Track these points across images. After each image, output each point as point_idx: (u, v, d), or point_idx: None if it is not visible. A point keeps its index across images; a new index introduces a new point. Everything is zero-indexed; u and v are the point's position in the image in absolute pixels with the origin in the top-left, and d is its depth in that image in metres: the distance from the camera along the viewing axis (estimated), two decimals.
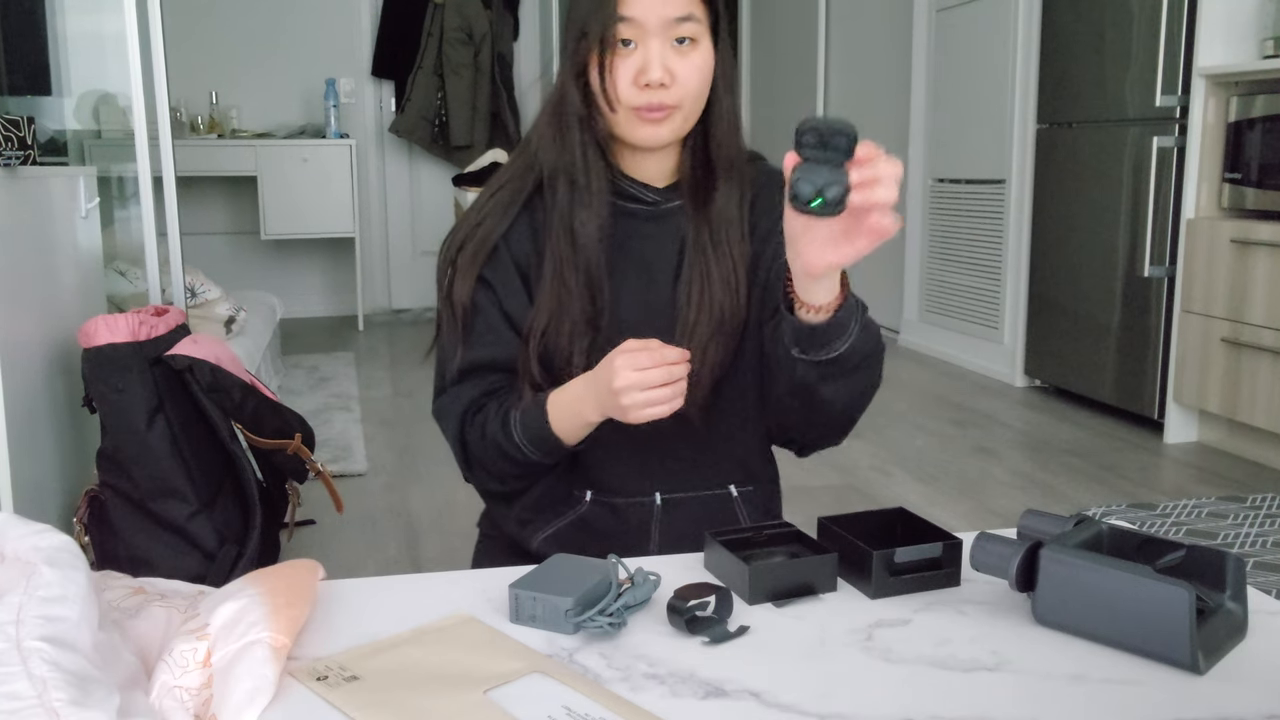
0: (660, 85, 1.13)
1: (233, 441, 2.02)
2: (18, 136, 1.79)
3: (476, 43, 5.77)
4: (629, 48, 1.13)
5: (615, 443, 1.20)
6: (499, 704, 0.74)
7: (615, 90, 1.13)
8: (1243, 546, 2.43)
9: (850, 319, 1.06)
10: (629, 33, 1.12)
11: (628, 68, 1.13)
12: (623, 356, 1.05)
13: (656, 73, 1.12)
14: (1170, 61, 3.30)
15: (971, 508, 2.77)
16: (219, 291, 3.28)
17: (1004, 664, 0.81)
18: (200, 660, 0.75)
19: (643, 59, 1.12)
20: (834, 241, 0.97)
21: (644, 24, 1.12)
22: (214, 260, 5.37)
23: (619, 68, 1.13)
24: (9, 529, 0.74)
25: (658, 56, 1.12)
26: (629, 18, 1.12)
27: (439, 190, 6.08)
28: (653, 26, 1.12)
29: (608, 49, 1.13)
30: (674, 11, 1.12)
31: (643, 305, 1.20)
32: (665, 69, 1.12)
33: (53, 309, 2.00)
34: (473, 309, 1.21)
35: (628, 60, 1.13)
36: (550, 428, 1.14)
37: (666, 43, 1.13)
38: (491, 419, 1.18)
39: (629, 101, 1.14)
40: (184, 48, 5.21)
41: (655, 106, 1.14)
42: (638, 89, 1.13)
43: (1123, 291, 3.55)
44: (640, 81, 1.13)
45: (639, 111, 1.14)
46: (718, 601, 0.88)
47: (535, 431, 1.15)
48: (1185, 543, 0.90)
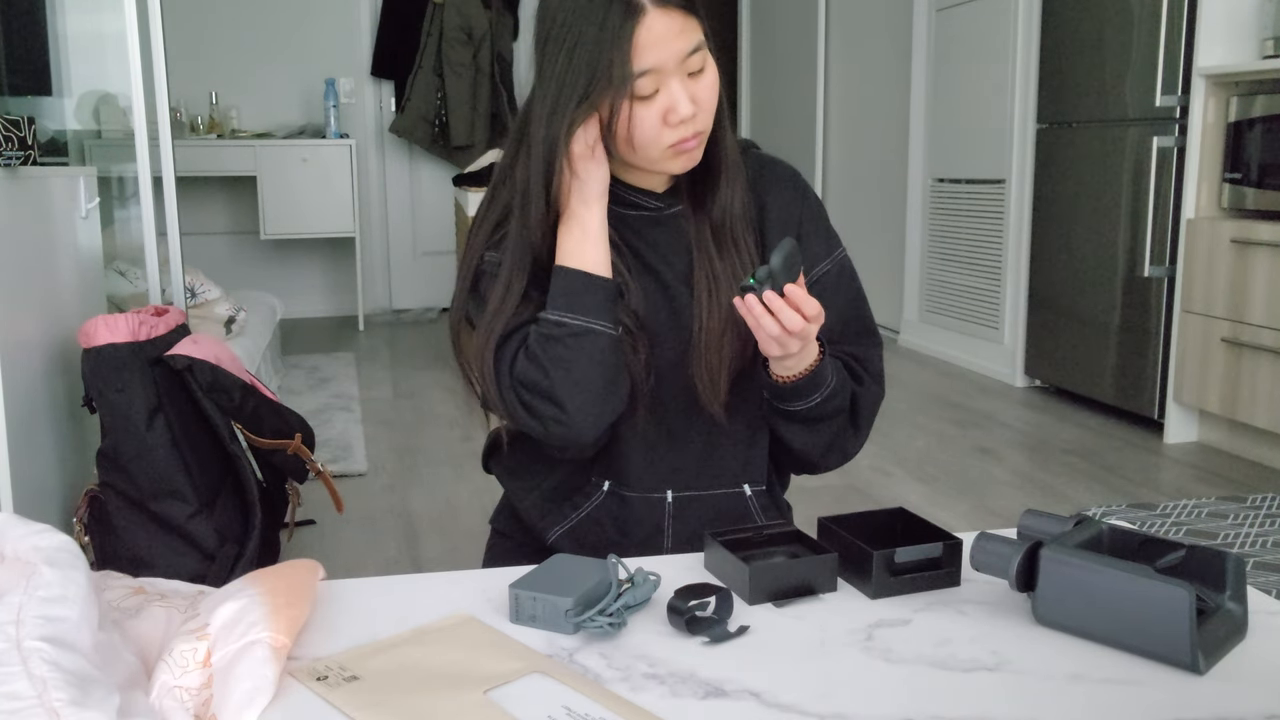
0: (690, 118, 1.12)
1: (233, 441, 2.02)
2: (18, 136, 1.79)
3: (476, 42, 5.77)
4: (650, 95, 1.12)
5: (632, 437, 1.21)
6: (499, 704, 0.74)
7: (645, 137, 1.12)
8: (1243, 546, 2.43)
9: (816, 388, 1.16)
10: (651, 84, 1.10)
11: (653, 112, 1.11)
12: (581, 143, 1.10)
13: (687, 108, 1.11)
14: (1170, 61, 3.30)
15: (971, 508, 2.77)
16: (219, 291, 3.28)
17: (1004, 664, 0.81)
18: (200, 660, 0.75)
19: (668, 100, 1.11)
20: None
21: (663, 69, 1.10)
22: (214, 260, 5.37)
23: (643, 116, 1.11)
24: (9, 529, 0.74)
25: (682, 93, 1.11)
26: (650, 69, 1.09)
27: (439, 190, 6.08)
28: (671, 68, 1.10)
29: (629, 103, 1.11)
30: (686, 45, 1.11)
31: (656, 308, 1.20)
32: (690, 99, 1.11)
33: (53, 309, 2.00)
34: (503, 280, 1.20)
35: (651, 106, 1.11)
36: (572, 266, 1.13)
37: (683, 76, 1.12)
38: (531, 334, 1.14)
39: (661, 141, 1.12)
40: (184, 48, 5.22)
41: (689, 138, 1.13)
42: (669, 127, 1.12)
43: (1123, 291, 3.55)
44: (672, 120, 1.11)
45: (674, 147, 1.13)
46: (718, 601, 0.88)
47: (565, 284, 1.12)
48: (1185, 543, 0.90)
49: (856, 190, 5.46)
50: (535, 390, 1.12)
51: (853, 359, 1.26)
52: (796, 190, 1.28)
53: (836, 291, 1.26)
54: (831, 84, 5.58)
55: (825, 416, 1.20)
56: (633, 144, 1.13)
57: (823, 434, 1.23)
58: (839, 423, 1.23)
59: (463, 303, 1.23)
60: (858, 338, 1.28)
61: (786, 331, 1.05)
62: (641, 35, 1.07)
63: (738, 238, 1.22)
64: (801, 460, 1.30)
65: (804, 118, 5.72)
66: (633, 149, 1.13)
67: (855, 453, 1.29)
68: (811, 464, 1.30)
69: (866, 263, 5.22)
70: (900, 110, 4.93)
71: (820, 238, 1.27)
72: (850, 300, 1.28)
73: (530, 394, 1.12)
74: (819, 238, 1.27)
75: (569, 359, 1.11)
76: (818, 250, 1.26)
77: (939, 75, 4.62)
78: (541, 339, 1.12)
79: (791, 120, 5.84)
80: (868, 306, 1.31)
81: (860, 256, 5.19)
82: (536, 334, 1.13)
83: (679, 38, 1.09)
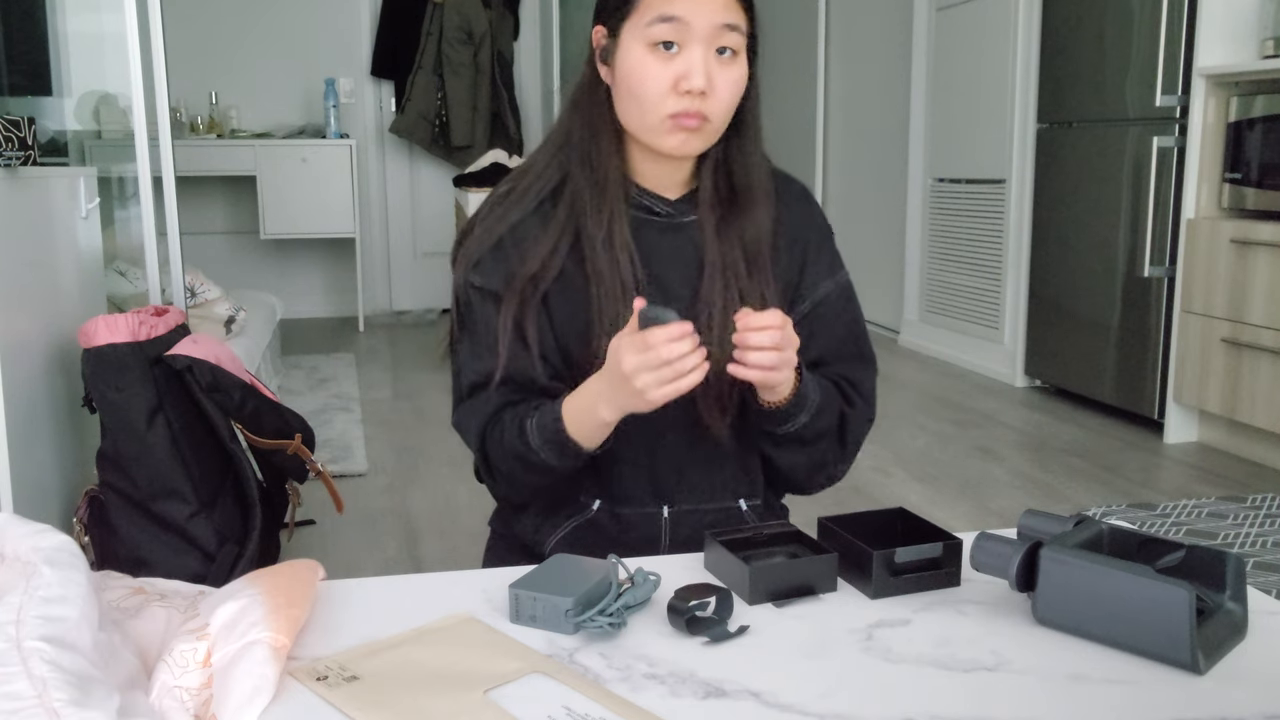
0: (700, 93, 1.08)
1: (233, 441, 2.02)
2: (18, 137, 1.79)
3: (476, 42, 5.76)
4: (670, 51, 1.08)
5: (626, 454, 1.19)
6: (499, 704, 0.74)
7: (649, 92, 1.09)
8: (1243, 546, 2.43)
9: (801, 408, 1.15)
10: (672, 34, 1.07)
11: (666, 72, 1.08)
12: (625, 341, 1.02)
13: (699, 80, 1.07)
14: (1170, 61, 3.30)
15: (971, 508, 2.77)
16: (219, 291, 3.28)
17: (1004, 664, 0.81)
18: (200, 660, 0.74)
19: (685, 64, 1.07)
20: None
21: (690, 26, 1.07)
22: (214, 260, 5.37)
23: (654, 70, 1.09)
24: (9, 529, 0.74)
25: (701, 63, 1.07)
26: (675, 17, 1.07)
27: (439, 190, 6.07)
28: (699, 30, 1.07)
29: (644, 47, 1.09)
30: (722, 17, 1.08)
31: None
32: (707, 77, 1.08)
33: (53, 309, 2.00)
34: (483, 320, 1.17)
35: (668, 64, 1.08)
36: (566, 432, 1.11)
37: (710, 49, 1.08)
38: (509, 428, 1.15)
39: (664, 107, 1.09)
40: (184, 48, 5.21)
41: (692, 114, 1.09)
42: (675, 94, 1.08)
43: (1123, 291, 3.55)
44: (681, 87, 1.08)
45: (675, 117, 1.09)
46: (718, 601, 0.88)
47: (551, 437, 1.11)
48: (1185, 543, 0.90)
49: (856, 190, 5.46)
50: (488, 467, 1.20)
51: (845, 381, 1.25)
52: (808, 209, 1.27)
53: (837, 315, 1.25)
54: (832, 84, 5.59)
55: (812, 439, 1.19)
56: (635, 95, 1.10)
57: (810, 455, 1.22)
58: (826, 443, 1.22)
59: None
60: (852, 361, 1.27)
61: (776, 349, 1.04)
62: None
63: (762, 264, 1.19)
64: (789, 481, 1.29)
65: (804, 117, 5.72)
66: (635, 103, 1.11)
67: (841, 476, 1.29)
68: (799, 485, 1.30)
69: (866, 263, 5.22)
70: (900, 110, 4.93)
71: (826, 259, 1.26)
72: (848, 324, 1.27)
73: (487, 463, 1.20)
74: (825, 259, 1.26)
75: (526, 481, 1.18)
76: (822, 271, 1.25)
77: (939, 75, 4.62)
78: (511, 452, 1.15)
79: (792, 120, 5.84)
80: (865, 330, 1.30)
81: (860, 256, 5.19)
82: (512, 439, 1.14)
83: (719, 8, 1.07)
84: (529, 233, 1.17)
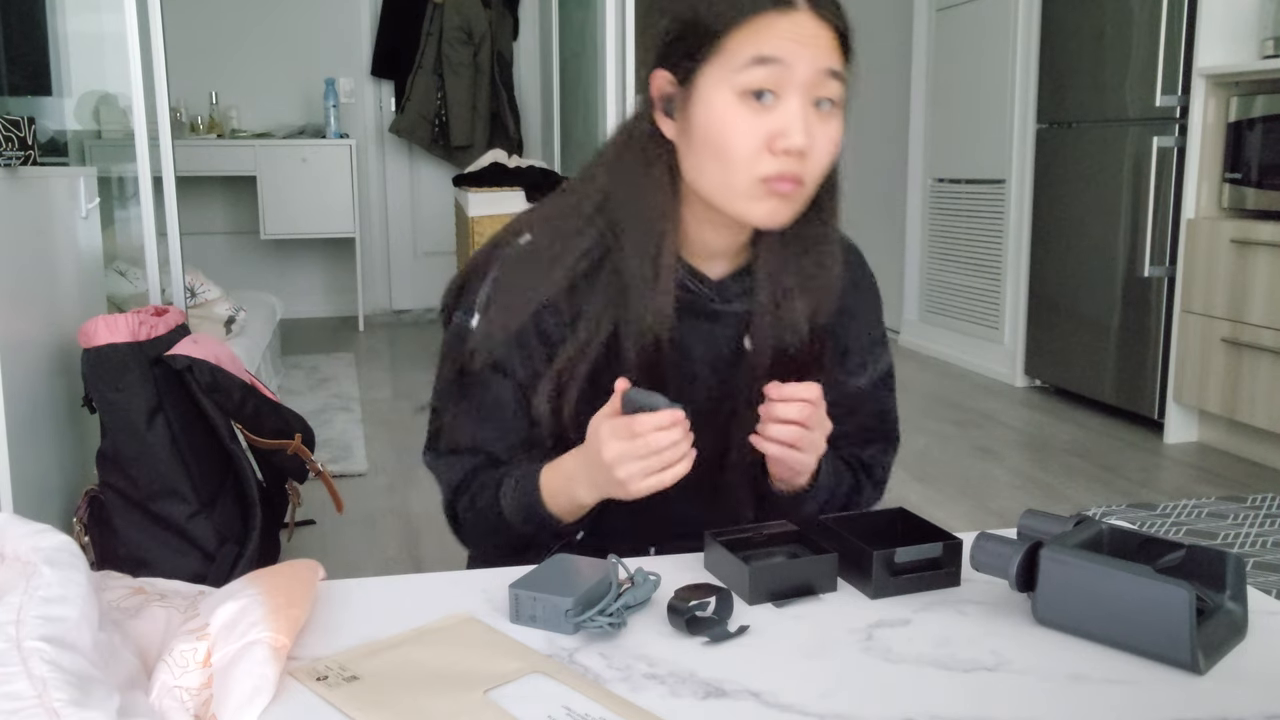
0: (800, 153, 0.92)
1: (233, 441, 2.02)
2: (18, 136, 1.79)
3: (476, 42, 5.76)
4: (763, 101, 0.92)
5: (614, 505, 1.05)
6: (499, 704, 0.74)
7: (739, 149, 0.92)
8: (1243, 546, 2.43)
9: (804, 501, 1.09)
10: (769, 80, 0.91)
11: (759, 126, 0.92)
12: (609, 424, 0.91)
13: (800, 137, 0.91)
14: (1170, 61, 3.30)
15: (971, 508, 2.77)
16: (219, 291, 3.28)
17: (1004, 664, 0.81)
18: (200, 660, 0.74)
19: (783, 118, 0.92)
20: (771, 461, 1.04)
21: (791, 71, 0.91)
22: (214, 260, 5.37)
23: (746, 122, 0.92)
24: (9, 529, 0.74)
25: (801, 117, 0.92)
26: (775, 59, 0.91)
27: (439, 190, 6.07)
28: (800, 77, 0.92)
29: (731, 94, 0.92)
30: (826, 61, 0.93)
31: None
32: (808, 134, 0.92)
33: (53, 309, 2.00)
34: (495, 394, 1.05)
35: (761, 117, 0.92)
36: (544, 505, 1.02)
37: (808, 100, 0.93)
38: (483, 492, 1.07)
39: (756, 169, 0.93)
40: (184, 48, 5.20)
41: (789, 177, 0.93)
42: (770, 154, 0.92)
43: (1123, 291, 3.55)
44: (778, 146, 0.92)
45: (768, 181, 0.93)
46: (718, 602, 0.88)
47: (527, 508, 1.03)
48: (1185, 543, 0.90)
49: (856, 190, 5.40)
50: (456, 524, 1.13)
51: (861, 464, 1.18)
52: (865, 280, 1.17)
53: (872, 399, 1.18)
54: None
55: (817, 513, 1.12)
56: (719, 154, 0.94)
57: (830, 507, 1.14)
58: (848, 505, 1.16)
59: None
60: (876, 443, 1.19)
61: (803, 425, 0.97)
62: (781, 22, 0.91)
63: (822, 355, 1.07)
64: None
65: None
66: (718, 163, 0.94)
67: None
68: None
69: None
70: (900, 110, 4.93)
71: (874, 345, 1.17)
72: (882, 409, 1.19)
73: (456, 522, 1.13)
74: (874, 345, 1.17)
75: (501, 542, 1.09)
76: (867, 359, 1.16)
77: (939, 75, 4.62)
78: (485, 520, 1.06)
79: None
80: (896, 413, 1.20)
81: None
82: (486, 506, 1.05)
83: (823, 51, 0.93)
84: (560, 316, 1.03)
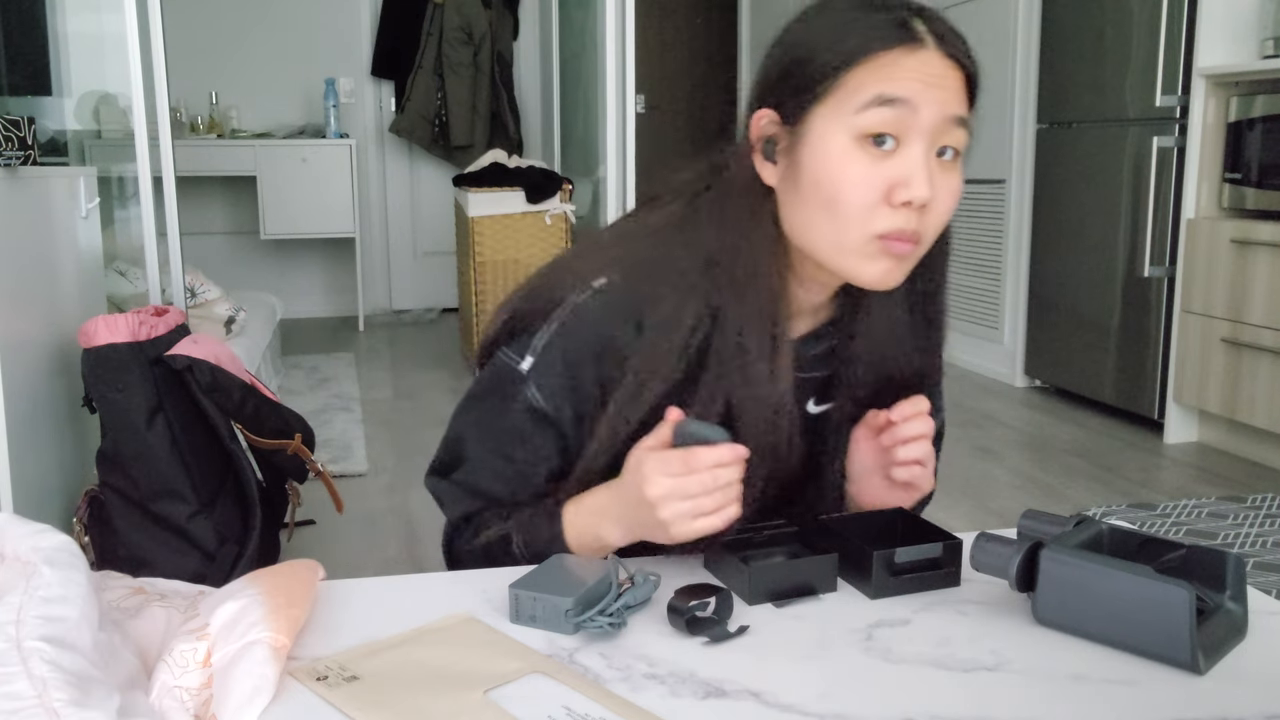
0: (921, 207, 0.84)
1: (233, 441, 2.02)
2: (18, 136, 1.79)
3: (476, 42, 5.76)
4: (882, 147, 0.83)
5: None
6: (499, 704, 0.74)
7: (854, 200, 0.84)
8: (1243, 546, 2.43)
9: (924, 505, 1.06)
10: (892, 124, 0.82)
11: (878, 176, 0.83)
12: (655, 457, 0.84)
13: (923, 189, 0.82)
14: (1170, 61, 3.30)
15: (971, 508, 2.77)
16: (219, 291, 3.28)
17: (1004, 664, 0.81)
18: (200, 660, 0.74)
19: (904, 167, 0.82)
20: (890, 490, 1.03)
21: (917, 114, 0.82)
22: (214, 260, 5.37)
23: (864, 168, 0.83)
24: (9, 529, 0.74)
25: (924, 166, 0.83)
26: (901, 100, 0.82)
27: (439, 190, 6.07)
28: (926, 121, 0.82)
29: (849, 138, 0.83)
30: (954, 107, 0.84)
31: None
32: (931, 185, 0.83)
33: (53, 309, 2.00)
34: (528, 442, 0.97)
35: (879, 165, 0.83)
36: (565, 545, 0.94)
37: (931, 149, 0.84)
38: (491, 525, 1.00)
39: (872, 224, 0.84)
40: (184, 48, 5.21)
41: (908, 236, 0.84)
42: (889, 206, 0.83)
43: (1123, 291, 3.55)
44: (897, 198, 0.83)
45: (885, 239, 0.84)
46: (718, 602, 0.88)
47: (546, 543, 0.95)
48: (1185, 543, 0.90)
49: None
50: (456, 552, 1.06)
51: None
52: None
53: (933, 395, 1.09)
54: None
55: None
56: (832, 205, 0.84)
57: None
58: None
59: None
60: None
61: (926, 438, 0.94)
62: (908, 60, 0.82)
63: None
64: None
65: None
66: (829, 215, 0.85)
67: None
68: None
69: None
70: None
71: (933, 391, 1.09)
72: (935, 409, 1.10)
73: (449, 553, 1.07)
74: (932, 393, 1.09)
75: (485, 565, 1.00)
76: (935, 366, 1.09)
77: None
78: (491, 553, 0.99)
79: None
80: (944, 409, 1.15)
81: None
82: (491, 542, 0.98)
83: (951, 94, 0.83)
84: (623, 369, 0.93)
